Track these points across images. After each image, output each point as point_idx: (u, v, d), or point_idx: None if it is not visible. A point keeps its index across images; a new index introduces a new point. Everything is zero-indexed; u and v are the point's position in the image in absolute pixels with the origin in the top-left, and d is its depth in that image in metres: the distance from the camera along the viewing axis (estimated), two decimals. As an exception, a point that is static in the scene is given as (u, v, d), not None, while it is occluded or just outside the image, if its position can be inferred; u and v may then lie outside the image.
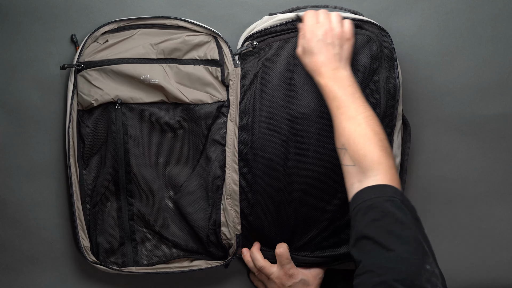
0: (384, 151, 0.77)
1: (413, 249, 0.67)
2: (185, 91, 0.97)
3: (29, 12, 0.99)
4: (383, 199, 0.72)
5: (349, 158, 0.78)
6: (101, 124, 0.97)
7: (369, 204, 0.72)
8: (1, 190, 1.02)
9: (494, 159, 1.05)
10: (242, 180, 0.97)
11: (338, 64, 0.85)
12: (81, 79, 0.96)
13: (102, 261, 0.99)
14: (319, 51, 0.86)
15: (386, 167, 0.76)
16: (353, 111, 0.81)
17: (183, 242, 1.00)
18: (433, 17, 1.02)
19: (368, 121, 0.80)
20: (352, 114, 0.80)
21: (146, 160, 0.99)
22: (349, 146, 0.79)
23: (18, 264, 1.04)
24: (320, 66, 0.85)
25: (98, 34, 0.96)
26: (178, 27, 0.97)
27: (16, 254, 1.04)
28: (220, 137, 0.98)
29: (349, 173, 0.79)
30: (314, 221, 0.96)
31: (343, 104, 0.81)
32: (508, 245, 1.07)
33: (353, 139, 0.79)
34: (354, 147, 0.78)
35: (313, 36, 0.86)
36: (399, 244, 0.68)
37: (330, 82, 0.83)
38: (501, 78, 1.03)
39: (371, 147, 0.77)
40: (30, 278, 1.05)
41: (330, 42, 0.86)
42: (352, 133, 0.79)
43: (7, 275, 1.05)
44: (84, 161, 0.98)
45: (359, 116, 0.80)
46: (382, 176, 0.75)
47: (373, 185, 0.74)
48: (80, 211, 0.97)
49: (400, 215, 0.70)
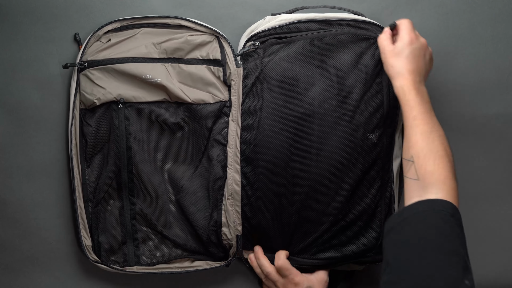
0: (452, 173, 0.77)
1: (455, 263, 0.67)
2: (187, 91, 0.97)
3: (29, 12, 0.99)
4: (432, 211, 0.72)
5: (414, 171, 0.78)
6: (104, 123, 0.97)
7: (417, 216, 0.72)
8: (1, 190, 1.02)
9: (494, 159, 1.05)
10: (244, 180, 0.97)
11: (422, 78, 0.85)
12: (84, 78, 0.96)
13: (104, 260, 0.99)
14: (413, 58, 0.85)
15: (449, 188, 0.75)
16: (429, 126, 0.80)
17: (184, 242, 1.00)
18: (433, 17, 1.02)
19: (442, 140, 0.79)
20: (428, 129, 0.79)
21: (148, 159, 0.99)
22: (417, 159, 0.78)
23: (18, 264, 1.04)
24: (409, 73, 0.84)
25: (101, 33, 0.96)
26: (181, 26, 0.97)
27: (16, 254, 1.04)
28: (222, 137, 0.98)
29: (411, 187, 0.78)
30: (316, 222, 0.95)
31: (420, 117, 0.80)
32: (508, 245, 1.07)
33: (424, 154, 0.78)
34: (423, 162, 0.77)
35: (412, 42, 0.85)
36: (441, 256, 0.67)
37: (414, 91, 0.82)
38: (501, 78, 1.03)
39: (441, 165, 0.76)
40: (30, 278, 1.05)
41: (423, 55, 0.86)
42: (423, 147, 0.78)
43: (7, 275, 1.05)
44: (87, 160, 0.98)
45: (434, 133, 0.79)
46: (443, 195, 0.74)
47: (424, 200, 0.74)
48: (82, 210, 0.97)
49: (446, 228, 0.70)
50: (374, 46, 0.91)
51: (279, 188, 0.94)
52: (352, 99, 0.91)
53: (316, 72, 0.92)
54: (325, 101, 0.91)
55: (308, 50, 0.92)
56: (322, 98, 0.91)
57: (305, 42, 0.93)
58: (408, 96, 0.82)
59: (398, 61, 0.85)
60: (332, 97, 0.91)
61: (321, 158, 0.92)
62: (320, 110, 0.91)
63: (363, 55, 0.91)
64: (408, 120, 0.81)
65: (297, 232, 0.97)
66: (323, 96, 0.91)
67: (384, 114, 0.93)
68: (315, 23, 0.94)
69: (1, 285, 1.05)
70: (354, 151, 0.92)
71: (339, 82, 0.91)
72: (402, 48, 0.85)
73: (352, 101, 0.91)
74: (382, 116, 0.93)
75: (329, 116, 0.91)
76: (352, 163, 0.92)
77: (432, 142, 0.78)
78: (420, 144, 0.78)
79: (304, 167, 0.93)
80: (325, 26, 0.94)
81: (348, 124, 0.91)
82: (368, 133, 0.92)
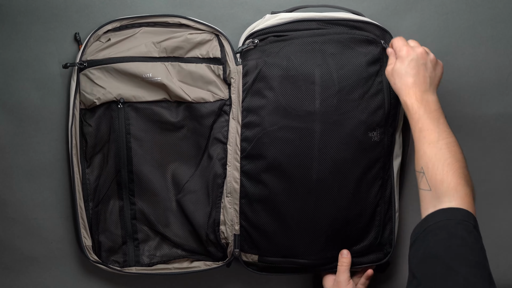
0: (463, 179, 0.76)
1: (480, 274, 0.67)
2: (188, 90, 0.97)
3: (29, 12, 0.99)
4: (455, 221, 0.72)
5: (426, 182, 0.78)
6: (104, 123, 0.97)
7: (440, 226, 0.72)
8: (1, 190, 1.02)
9: (494, 159, 1.05)
10: (243, 178, 0.97)
11: (427, 87, 0.84)
12: (84, 78, 0.96)
13: (104, 260, 0.99)
14: (411, 71, 0.84)
15: (462, 195, 0.75)
16: (435, 135, 0.79)
17: (184, 242, 1.00)
18: (433, 17, 1.02)
19: (450, 147, 0.79)
20: (434, 139, 0.79)
21: (148, 159, 0.99)
22: (427, 170, 0.78)
23: (18, 264, 1.04)
24: (410, 87, 0.83)
25: (101, 32, 0.96)
26: (181, 25, 0.97)
27: (16, 254, 1.04)
28: (222, 135, 0.98)
29: (425, 198, 0.78)
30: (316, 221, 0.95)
31: (426, 128, 0.80)
32: (508, 245, 1.07)
33: (432, 163, 0.78)
34: (432, 171, 0.77)
35: (407, 55, 0.85)
36: (467, 267, 0.67)
37: (417, 104, 0.82)
38: (501, 78, 1.03)
39: (450, 173, 0.76)
40: (30, 278, 1.05)
41: (423, 63, 0.85)
42: (431, 157, 0.78)
43: (7, 275, 1.05)
44: (87, 160, 0.98)
45: (441, 141, 0.79)
46: (457, 203, 0.74)
47: (446, 208, 0.74)
48: (82, 210, 0.97)
49: (470, 239, 0.70)
50: (373, 46, 0.91)
51: (280, 186, 0.94)
52: (353, 98, 0.91)
53: (317, 71, 0.92)
54: (326, 99, 0.91)
55: (308, 48, 0.92)
56: (323, 96, 0.91)
57: (305, 40, 0.93)
58: (411, 110, 0.82)
59: (397, 79, 0.85)
60: (333, 95, 0.91)
61: (322, 156, 0.92)
62: (322, 108, 0.91)
63: (364, 55, 0.91)
64: (415, 133, 0.81)
65: (297, 231, 0.96)
66: (324, 94, 0.91)
67: (385, 113, 0.93)
68: (314, 22, 0.95)
69: (1, 285, 1.05)
70: (356, 149, 0.92)
71: (340, 80, 0.91)
72: (399, 66, 0.85)
73: (353, 100, 0.91)
74: (383, 115, 0.93)
75: (330, 115, 0.91)
76: (354, 161, 0.93)
77: (439, 151, 0.78)
78: (428, 154, 0.79)
79: (306, 165, 0.93)
80: (324, 25, 0.94)
81: (349, 122, 0.91)
82: (370, 131, 0.92)
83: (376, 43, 0.92)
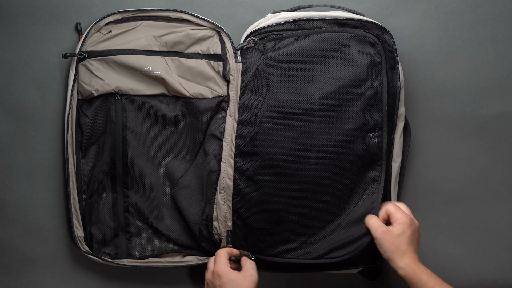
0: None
1: None
2: (186, 85, 0.97)
3: (29, 12, 0.99)
4: None
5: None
6: (101, 114, 0.98)
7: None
8: (1, 190, 1.02)
9: (494, 159, 1.05)
10: (237, 175, 0.97)
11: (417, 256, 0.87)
12: (83, 69, 0.96)
13: (96, 251, 0.99)
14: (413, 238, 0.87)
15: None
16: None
17: (177, 236, 1.00)
18: (433, 17, 1.02)
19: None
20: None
21: (144, 152, 0.99)
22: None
23: (18, 264, 1.04)
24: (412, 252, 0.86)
25: (102, 24, 0.96)
26: (182, 20, 0.97)
27: (16, 254, 1.04)
28: (219, 131, 0.98)
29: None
30: (312, 221, 0.94)
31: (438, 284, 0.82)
32: (508, 245, 1.07)
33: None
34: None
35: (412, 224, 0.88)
36: None
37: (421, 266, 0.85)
38: (501, 78, 1.03)
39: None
40: (30, 278, 1.05)
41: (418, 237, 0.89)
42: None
43: (7, 275, 1.05)
44: (82, 150, 0.98)
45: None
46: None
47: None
48: (75, 201, 0.97)
49: None
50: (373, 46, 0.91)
51: (275, 185, 0.94)
52: (352, 98, 0.91)
53: (317, 70, 0.92)
54: (325, 98, 0.91)
55: (308, 47, 0.92)
56: (322, 96, 0.91)
57: (305, 39, 0.93)
58: (417, 272, 0.84)
59: (402, 241, 0.86)
60: (332, 95, 0.91)
61: (320, 156, 0.92)
62: (320, 107, 0.91)
63: (364, 55, 0.91)
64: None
65: (291, 231, 0.95)
66: (323, 94, 0.90)
67: (384, 114, 0.93)
68: (315, 21, 0.95)
69: (1, 285, 1.05)
70: (354, 149, 0.92)
71: (340, 80, 0.91)
72: (403, 229, 0.87)
73: (352, 100, 0.91)
74: (383, 116, 0.93)
75: (329, 114, 0.90)
76: (352, 162, 0.92)
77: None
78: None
79: (303, 165, 0.92)
80: (325, 25, 0.94)
81: (348, 123, 0.91)
82: (368, 132, 0.92)
83: (376, 43, 0.92)
